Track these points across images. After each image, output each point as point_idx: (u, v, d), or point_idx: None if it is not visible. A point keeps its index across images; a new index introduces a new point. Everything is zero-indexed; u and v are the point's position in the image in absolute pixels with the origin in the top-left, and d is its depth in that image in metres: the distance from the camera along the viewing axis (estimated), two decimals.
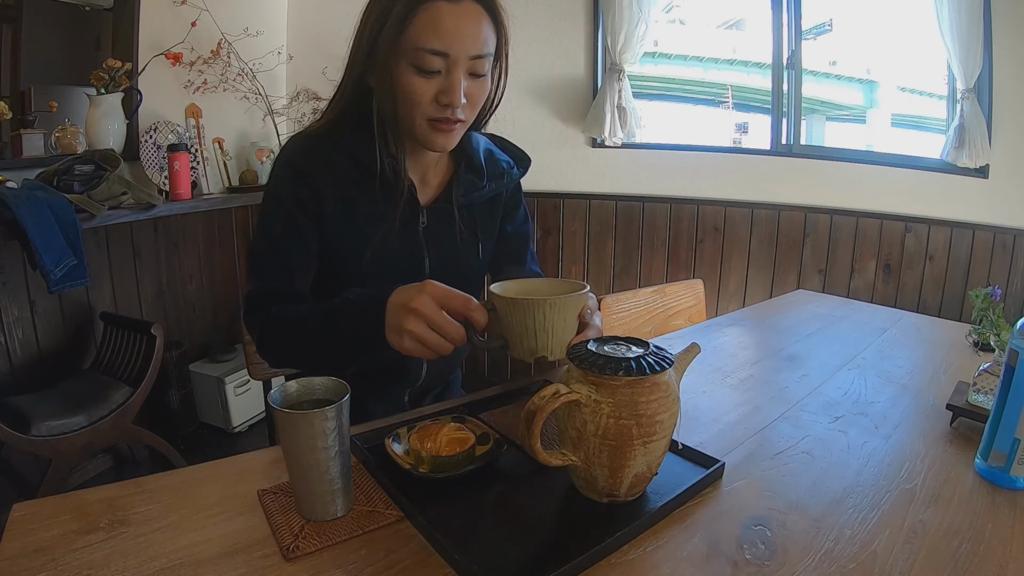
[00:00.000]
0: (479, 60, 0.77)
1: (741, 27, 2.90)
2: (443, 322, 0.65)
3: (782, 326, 1.40)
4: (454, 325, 0.66)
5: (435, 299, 0.66)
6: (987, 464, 0.73)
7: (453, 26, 0.73)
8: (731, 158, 2.58)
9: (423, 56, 0.74)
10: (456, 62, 0.75)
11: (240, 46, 2.45)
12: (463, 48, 0.74)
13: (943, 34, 2.02)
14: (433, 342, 0.66)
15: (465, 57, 0.75)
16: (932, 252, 2.22)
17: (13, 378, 1.82)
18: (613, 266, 2.66)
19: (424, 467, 0.71)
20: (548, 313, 0.62)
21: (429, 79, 0.76)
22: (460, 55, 0.75)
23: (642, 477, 0.65)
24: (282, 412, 0.60)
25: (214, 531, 0.61)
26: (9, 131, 1.89)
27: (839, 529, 0.63)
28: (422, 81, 0.75)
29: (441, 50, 0.74)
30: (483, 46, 0.77)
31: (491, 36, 0.79)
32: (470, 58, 0.76)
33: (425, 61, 0.74)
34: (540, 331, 0.63)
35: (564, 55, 2.56)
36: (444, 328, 0.65)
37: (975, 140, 2.03)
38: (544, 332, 0.63)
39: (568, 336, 0.65)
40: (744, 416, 0.91)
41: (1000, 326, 1.11)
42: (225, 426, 2.37)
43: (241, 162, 2.61)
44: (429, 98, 0.77)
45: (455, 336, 0.66)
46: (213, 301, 2.49)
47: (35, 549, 0.57)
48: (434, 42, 0.73)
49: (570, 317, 0.65)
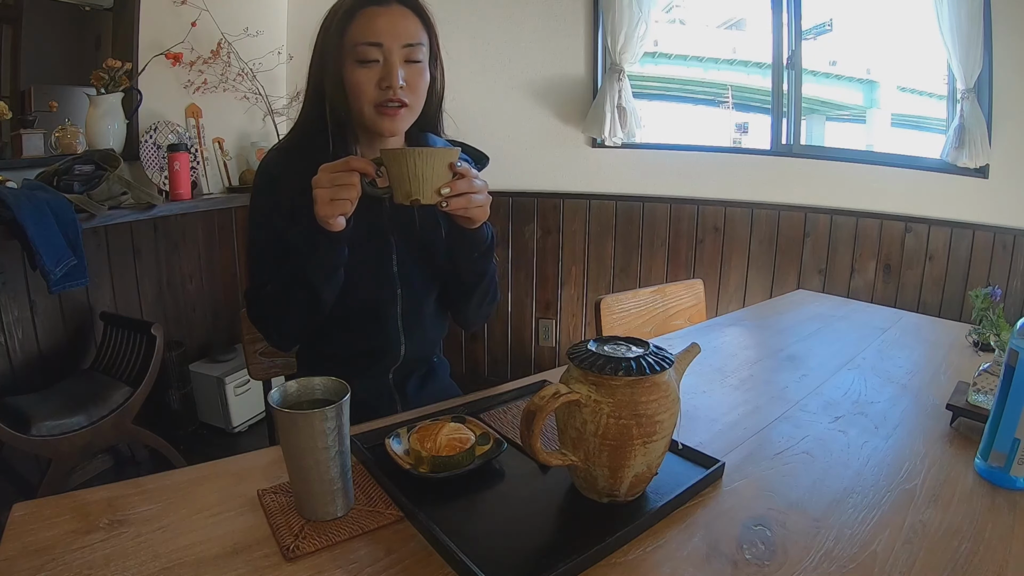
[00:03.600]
0: (411, 48, 0.89)
1: (741, 27, 2.90)
2: (336, 178, 0.78)
3: (782, 326, 1.40)
4: (346, 175, 0.78)
5: (325, 171, 0.79)
6: (987, 464, 0.73)
7: (384, 21, 0.87)
8: (731, 158, 2.58)
9: (362, 49, 0.87)
10: (391, 50, 0.87)
11: (240, 46, 2.45)
12: (395, 37, 0.87)
13: (943, 34, 2.02)
14: (336, 193, 0.78)
15: (398, 45, 0.87)
16: (932, 252, 2.22)
17: (13, 378, 1.82)
18: (613, 266, 2.66)
19: (424, 467, 0.71)
20: (417, 161, 0.74)
21: (370, 68, 0.88)
22: (393, 44, 0.87)
23: (642, 477, 0.65)
24: (282, 412, 0.60)
25: (214, 531, 0.61)
26: (9, 131, 1.89)
27: (839, 529, 0.63)
28: (364, 71, 0.88)
29: (375, 41, 0.86)
30: (413, 36, 0.89)
31: (420, 30, 0.90)
32: (402, 46, 0.88)
33: (364, 53, 0.87)
34: (413, 178, 0.75)
35: (564, 55, 2.56)
36: (339, 180, 0.78)
37: (975, 140, 2.03)
38: (416, 178, 0.75)
39: (438, 183, 0.77)
40: (744, 416, 0.91)
41: (1000, 326, 1.11)
42: (225, 426, 2.37)
43: (241, 162, 2.61)
44: (372, 85, 0.88)
45: (349, 183, 0.77)
46: (213, 301, 2.49)
47: (35, 549, 0.57)
48: (369, 36, 0.86)
49: (439, 166, 0.76)
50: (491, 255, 0.96)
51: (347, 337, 1.00)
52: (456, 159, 0.78)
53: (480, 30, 2.60)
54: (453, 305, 1.06)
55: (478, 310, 1.04)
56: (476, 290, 0.99)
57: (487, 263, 0.96)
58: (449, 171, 0.77)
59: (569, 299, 2.74)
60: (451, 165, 0.77)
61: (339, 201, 0.77)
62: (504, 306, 2.82)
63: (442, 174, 0.77)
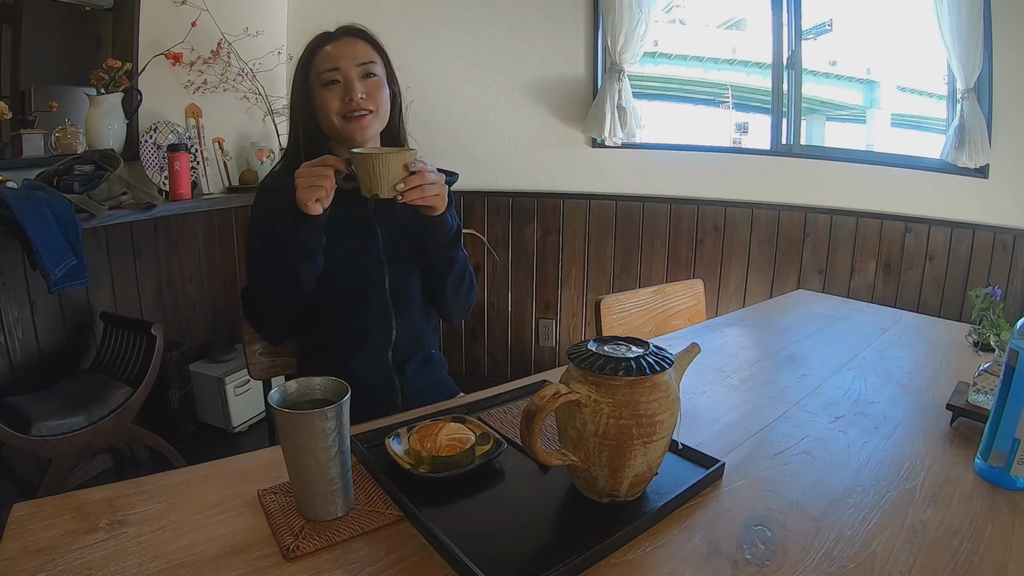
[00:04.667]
0: (365, 66, 1.04)
1: (741, 27, 2.90)
2: (313, 170, 0.92)
3: (782, 326, 1.41)
4: (321, 168, 0.92)
5: (305, 166, 0.93)
6: (987, 464, 0.73)
7: (337, 49, 1.04)
8: (731, 158, 2.58)
9: (323, 75, 1.03)
10: (348, 69, 1.03)
11: (240, 46, 2.45)
12: (349, 59, 1.03)
13: (943, 34, 2.02)
14: (313, 181, 0.91)
15: (352, 64, 1.03)
16: (932, 252, 2.22)
17: (13, 378, 1.82)
18: (613, 266, 2.66)
19: (424, 467, 0.71)
20: (376, 163, 0.88)
21: (332, 88, 1.03)
22: (348, 64, 1.03)
23: (642, 477, 0.65)
24: (282, 412, 0.60)
25: (214, 531, 0.61)
26: (9, 131, 1.89)
27: (839, 529, 0.63)
28: (328, 91, 1.03)
29: (333, 66, 1.03)
30: (365, 56, 1.05)
31: (371, 52, 1.06)
32: (356, 64, 1.03)
33: (325, 77, 1.03)
34: (373, 175, 0.88)
35: (564, 55, 2.56)
36: (315, 172, 0.91)
37: (975, 140, 2.03)
38: (376, 176, 0.88)
39: (394, 181, 0.90)
40: (744, 416, 0.91)
41: (1000, 326, 1.11)
42: (225, 426, 2.36)
43: (241, 162, 2.60)
44: (337, 100, 1.03)
45: (323, 174, 0.91)
46: (213, 301, 2.49)
47: (35, 549, 0.57)
48: (328, 63, 1.03)
49: (394, 167, 0.89)
50: (458, 243, 1.09)
51: (340, 319, 1.08)
52: (411, 160, 0.91)
53: (480, 30, 2.60)
54: (434, 295, 1.15)
55: (455, 298, 1.14)
56: (449, 276, 1.09)
57: (455, 250, 1.08)
58: (404, 170, 0.90)
59: (569, 299, 2.74)
60: (405, 166, 0.90)
61: (315, 188, 0.90)
62: (504, 306, 2.82)
63: (397, 173, 0.90)
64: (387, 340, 1.09)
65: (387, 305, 1.08)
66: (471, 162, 2.65)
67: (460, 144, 2.68)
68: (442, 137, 2.65)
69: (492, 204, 2.73)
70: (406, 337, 1.11)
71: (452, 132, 2.66)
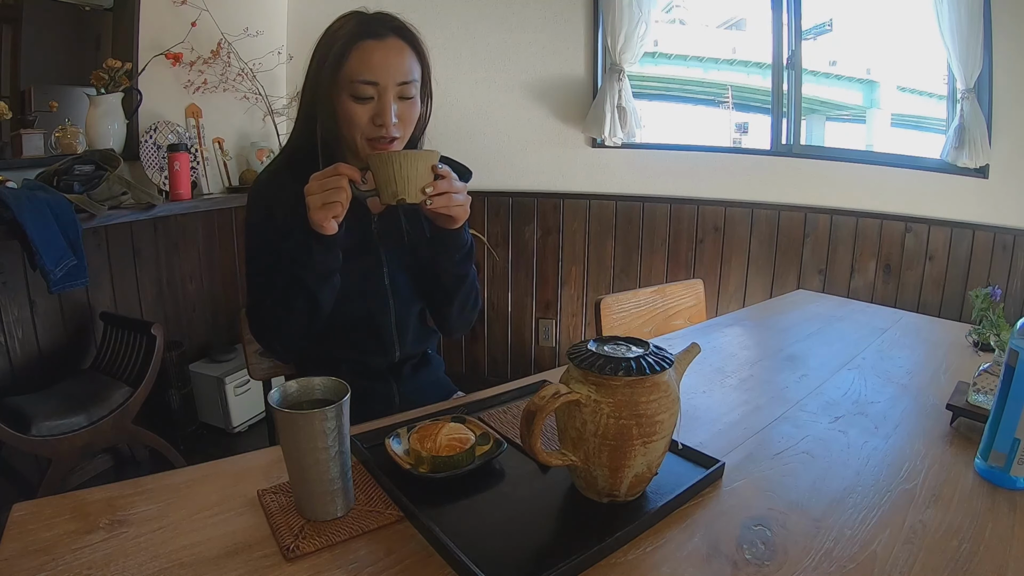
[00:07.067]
0: (405, 86, 0.91)
1: (741, 27, 2.90)
2: (326, 183, 0.82)
3: (782, 326, 1.41)
4: (335, 179, 0.81)
5: (316, 179, 0.83)
6: (987, 464, 0.73)
7: (380, 59, 0.89)
8: (731, 158, 2.58)
9: (358, 87, 0.89)
10: (386, 88, 0.89)
11: (240, 46, 2.45)
12: (390, 76, 0.89)
13: (943, 34, 2.02)
14: (328, 197, 0.81)
15: (393, 84, 0.89)
16: (932, 252, 2.22)
17: (13, 378, 1.82)
18: (613, 266, 2.66)
19: (424, 467, 0.71)
20: (403, 163, 0.78)
21: (365, 104, 0.90)
22: (388, 83, 0.89)
23: (642, 477, 0.65)
24: (282, 412, 0.60)
25: (214, 531, 0.61)
26: (9, 131, 1.89)
27: (839, 529, 0.63)
28: (359, 107, 0.90)
29: (372, 80, 0.88)
30: (408, 74, 0.91)
31: (415, 65, 0.93)
32: (397, 84, 0.90)
33: (360, 90, 0.89)
34: (399, 178, 0.79)
35: (564, 55, 2.56)
36: (328, 185, 0.81)
37: (975, 140, 2.03)
38: (402, 179, 0.79)
39: (421, 183, 0.80)
40: (744, 416, 0.91)
41: (1000, 326, 1.11)
42: (225, 426, 2.36)
43: (241, 162, 2.60)
44: (366, 121, 0.90)
45: (339, 187, 0.81)
46: (213, 301, 2.49)
47: (35, 549, 0.57)
48: (366, 74, 0.88)
49: (422, 168, 0.80)
50: (471, 259, 1.01)
51: (343, 346, 1.04)
52: (437, 161, 0.82)
53: (480, 30, 2.60)
54: (437, 311, 1.09)
55: (460, 316, 1.07)
56: (458, 294, 1.02)
57: (467, 266, 1.01)
58: (431, 172, 0.82)
59: (569, 299, 2.74)
60: (433, 167, 0.82)
61: (330, 204, 0.81)
62: (504, 306, 2.82)
63: (425, 174, 0.81)
64: (389, 360, 1.07)
65: (391, 335, 1.05)
66: (471, 162, 2.62)
67: (460, 144, 2.67)
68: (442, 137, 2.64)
69: (492, 204, 2.73)
70: (406, 353, 1.09)
71: (452, 132, 2.66)
